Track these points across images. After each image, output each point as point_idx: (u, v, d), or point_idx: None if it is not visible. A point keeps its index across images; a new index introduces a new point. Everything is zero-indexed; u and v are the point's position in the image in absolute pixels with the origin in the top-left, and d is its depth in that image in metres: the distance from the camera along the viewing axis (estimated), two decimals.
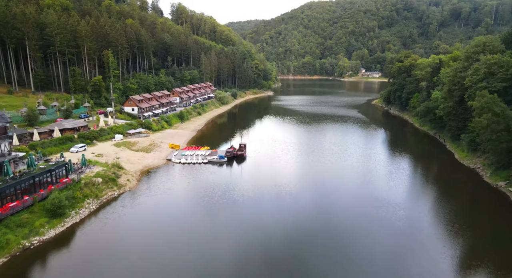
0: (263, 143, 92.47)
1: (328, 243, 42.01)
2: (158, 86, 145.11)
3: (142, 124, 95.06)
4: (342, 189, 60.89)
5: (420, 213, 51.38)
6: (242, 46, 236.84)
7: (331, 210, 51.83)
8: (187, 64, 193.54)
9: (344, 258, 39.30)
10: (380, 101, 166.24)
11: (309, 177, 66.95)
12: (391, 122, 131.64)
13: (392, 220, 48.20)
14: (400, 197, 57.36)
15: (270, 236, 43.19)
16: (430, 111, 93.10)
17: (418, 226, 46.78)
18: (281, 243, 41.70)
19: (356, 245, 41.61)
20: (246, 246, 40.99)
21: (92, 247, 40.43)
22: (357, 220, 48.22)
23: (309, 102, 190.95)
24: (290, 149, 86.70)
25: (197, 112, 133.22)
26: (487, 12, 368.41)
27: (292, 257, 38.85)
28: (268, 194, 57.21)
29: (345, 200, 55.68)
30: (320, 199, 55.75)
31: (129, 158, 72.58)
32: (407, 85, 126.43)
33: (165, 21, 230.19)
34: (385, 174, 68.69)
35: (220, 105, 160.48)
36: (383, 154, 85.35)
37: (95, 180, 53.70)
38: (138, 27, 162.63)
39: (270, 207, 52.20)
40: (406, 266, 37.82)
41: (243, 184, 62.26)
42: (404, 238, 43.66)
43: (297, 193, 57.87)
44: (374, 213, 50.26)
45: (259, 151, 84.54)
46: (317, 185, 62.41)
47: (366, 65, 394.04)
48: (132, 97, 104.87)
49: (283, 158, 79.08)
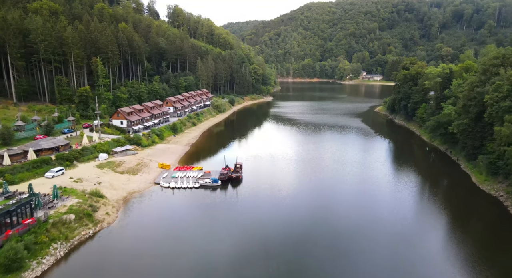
0: (261, 161, 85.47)
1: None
2: (151, 94, 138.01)
3: (130, 140, 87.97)
4: (349, 227, 53.77)
5: (433, 244, 44.89)
6: (240, 50, 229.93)
7: (338, 252, 44.90)
8: (183, 70, 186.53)
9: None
10: (384, 109, 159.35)
11: (311, 209, 59.81)
12: (396, 133, 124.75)
13: (404, 256, 41.39)
14: (411, 227, 50.97)
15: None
16: (441, 126, 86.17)
17: (430, 261, 39.93)
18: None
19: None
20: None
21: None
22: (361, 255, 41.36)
23: (309, 109, 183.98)
24: (290, 169, 79.68)
25: (191, 123, 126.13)
26: (490, 14, 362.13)
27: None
28: (267, 231, 50.14)
29: (353, 238, 48.72)
30: (328, 243, 48.58)
31: (113, 182, 65.52)
32: (414, 95, 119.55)
33: (161, 24, 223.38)
34: (393, 199, 62.38)
35: (216, 114, 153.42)
36: (390, 172, 79.08)
37: (66, 217, 46.63)
38: (131, 31, 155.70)
39: (273, 251, 45.12)
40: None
41: (239, 217, 55.22)
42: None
43: (302, 233, 50.75)
44: (383, 249, 43.43)
45: (257, 171, 77.52)
46: (322, 224, 55.23)
47: (367, 68, 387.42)
48: (121, 110, 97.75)
49: (283, 180, 71.99)
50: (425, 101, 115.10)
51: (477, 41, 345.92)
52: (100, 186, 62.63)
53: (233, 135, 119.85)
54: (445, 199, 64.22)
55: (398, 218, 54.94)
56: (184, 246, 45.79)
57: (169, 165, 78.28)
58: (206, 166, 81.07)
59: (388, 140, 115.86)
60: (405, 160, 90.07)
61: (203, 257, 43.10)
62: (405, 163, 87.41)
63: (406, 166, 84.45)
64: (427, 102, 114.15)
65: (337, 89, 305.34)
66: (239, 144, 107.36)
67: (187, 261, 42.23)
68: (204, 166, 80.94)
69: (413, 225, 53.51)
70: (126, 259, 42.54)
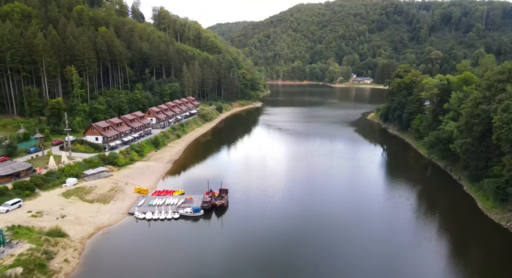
0: (249, 182, 78.46)
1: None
2: (133, 104, 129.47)
3: (105, 160, 79.82)
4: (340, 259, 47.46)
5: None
6: (228, 55, 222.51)
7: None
8: (168, 76, 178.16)
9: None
10: (377, 117, 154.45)
11: (307, 243, 53.17)
12: (391, 144, 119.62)
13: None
14: (413, 260, 45.00)
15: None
16: (441, 142, 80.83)
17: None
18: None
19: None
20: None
21: None
22: None
23: (300, 117, 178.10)
24: (280, 190, 72.92)
25: (175, 135, 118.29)
26: (478, 17, 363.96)
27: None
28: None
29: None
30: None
31: (79, 214, 57.61)
32: (409, 105, 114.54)
33: (145, 27, 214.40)
34: (390, 222, 58.17)
35: (203, 123, 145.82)
36: (385, 190, 74.34)
37: (10, 273, 38.75)
38: (111, 36, 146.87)
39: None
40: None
41: (223, 258, 48.14)
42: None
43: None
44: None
45: (245, 195, 70.49)
46: (317, 257, 48.70)
47: (357, 71, 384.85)
48: (96, 125, 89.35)
49: (273, 205, 65.21)
50: (420, 112, 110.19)
51: (465, 44, 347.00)
52: (64, 220, 54.74)
53: (219, 149, 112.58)
54: (447, 224, 59.18)
55: (396, 244, 50.03)
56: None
57: (146, 189, 70.66)
58: (188, 188, 73.79)
59: (382, 152, 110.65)
60: (401, 176, 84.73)
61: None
62: (402, 179, 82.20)
63: (403, 184, 79.39)
64: (422, 113, 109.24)
65: (327, 93, 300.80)
66: (226, 159, 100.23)
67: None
68: (187, 188, 73.64)
69: (412, 255, 48.17)
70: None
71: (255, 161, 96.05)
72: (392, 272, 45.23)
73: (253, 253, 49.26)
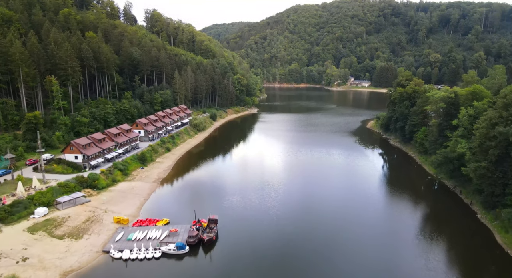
0: (242, 206, 71.54)
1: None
2: (120, 114, 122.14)
3: (83, 182, 72.54)
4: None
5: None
6: (223, 59, 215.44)
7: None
8: (160, 82, 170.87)
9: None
10: (377, 126, 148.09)
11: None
12: (392, 157, 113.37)
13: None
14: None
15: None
16: (450, 162, 74.39)
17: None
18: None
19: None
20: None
21: None
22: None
23: (297, 124, 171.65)
24: (277, 219, 66.06)
25: (165, 149, 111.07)
26: (477, 19, 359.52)
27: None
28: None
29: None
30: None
31: (44, 255, 50.37)
32: (412, 116, 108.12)
33: (137, 30, 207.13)
34: (394, 249, 53.06)
35: (195, 134, 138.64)
36: (388, 210, 69.67)
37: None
38: (99, 41, 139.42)
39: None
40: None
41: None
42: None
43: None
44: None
45: (237, 225, 63.54)
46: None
47: (354, 74, 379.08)
48: (75, 142, 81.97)
49: (268, 240, 58.27)
50: (424, 124, 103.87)
51: (464, 47, 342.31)
52: (25, 264, 47.54)
53: (211, 164, 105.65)
54: (458, 257, 53.71)
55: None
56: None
57: (127, 219, 63.50)
58: (175, 215, 66.89)
59: (384, 166, 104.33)
60: (404, 194, 79.20)
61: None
62: (405, 198, 77.03)
63: (407, 203, 74.25)
64: (426, 125, 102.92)
65: (325, 98, 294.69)
66: (218, 176, 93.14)
67: None
68: (173, 215, 66.75)
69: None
70: None
71: (250, 179, 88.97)
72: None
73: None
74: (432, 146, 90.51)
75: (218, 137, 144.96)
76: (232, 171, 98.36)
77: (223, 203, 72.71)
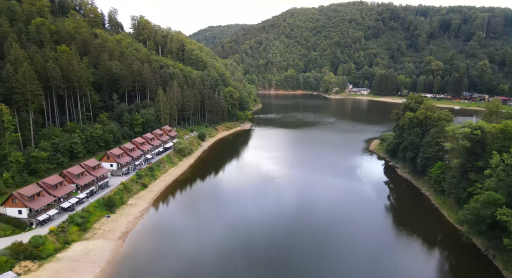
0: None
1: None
2: (92, 142, 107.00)
3: (20, 252, 57.23)
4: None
5: None
6: (214, 71, 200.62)
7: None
8: (143, 99, 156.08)
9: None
10: (382, 149, 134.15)
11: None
12: (401, 192, 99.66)
13: None
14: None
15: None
16: (482, 221, 60.17)
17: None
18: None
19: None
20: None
21: None
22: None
23: (294, 143, 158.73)
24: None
25: (141, 185, 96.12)
26: (479, 25, 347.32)
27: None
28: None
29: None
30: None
31: None
32: (424, 148, 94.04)
33: (122, 39, 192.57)
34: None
35: (179, 160, 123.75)
36: (397, 258, 53.90)
37: None
38: (70, 57, 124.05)
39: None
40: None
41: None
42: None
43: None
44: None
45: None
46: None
47: (353, 81, 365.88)
48: (19, 193, 66.68)
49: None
50: (439, 158, 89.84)
51: (466, 54, 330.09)
52: None
53: (194, 204, 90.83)
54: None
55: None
56: None
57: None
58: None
59: (391, 202, 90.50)
60: (416, 240, 68.21)
61: None
62: (417, 245, 65.94)
63: (419, 252, 63.55)
64: (442, 159, 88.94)
65: (323, 108, 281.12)
66: (202, 222, 78.08)
67: None
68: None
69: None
70: None
71: (239, 225, 74.37)
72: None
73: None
74: (453, 189, 76.42)
75: (206, 162, 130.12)
76: (220, 211, 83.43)
77: (208, 264, 57.92)
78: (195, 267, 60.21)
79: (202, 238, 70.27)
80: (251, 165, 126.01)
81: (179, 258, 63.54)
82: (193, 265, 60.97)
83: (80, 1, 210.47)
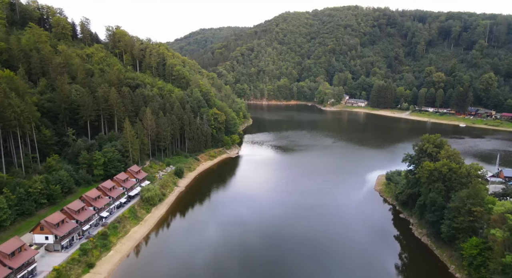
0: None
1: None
2: (27, 202, 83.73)
3: None
4: None
5: None
6: (197, 90, 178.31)
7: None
8: (110, 129, 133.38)
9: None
10: (389, 192, 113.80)
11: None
12: (419, 262, 78.72)
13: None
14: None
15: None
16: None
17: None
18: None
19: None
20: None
21: None
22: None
23: (287, 174, 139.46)
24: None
25: (84, 265, 73.20)
26: (480, 33, 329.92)
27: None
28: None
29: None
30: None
31: None
32: (452, 213, 73.13)
33: (92, 54, 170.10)
34: None
35: (147, 212, 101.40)
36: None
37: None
38: (15, 83, 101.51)
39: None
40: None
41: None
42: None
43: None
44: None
45: None
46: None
47: (349, 92, 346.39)
48: None
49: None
50: (474, 230, 69.15)
51: (468, 63, 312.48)
52: None
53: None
54: None
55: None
56: None
57: None
58: None
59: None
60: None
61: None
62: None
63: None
64: (477, 233, 68.30)
65: (319, 123, 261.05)
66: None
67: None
68: None
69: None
70: None
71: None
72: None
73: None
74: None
75: (181, 210, 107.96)
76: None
77: None
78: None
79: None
80: (234, 208, 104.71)
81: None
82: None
83: (47, 10, 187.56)
